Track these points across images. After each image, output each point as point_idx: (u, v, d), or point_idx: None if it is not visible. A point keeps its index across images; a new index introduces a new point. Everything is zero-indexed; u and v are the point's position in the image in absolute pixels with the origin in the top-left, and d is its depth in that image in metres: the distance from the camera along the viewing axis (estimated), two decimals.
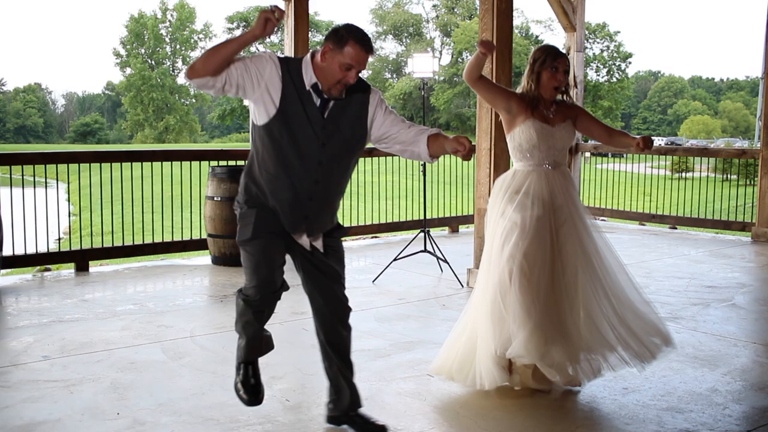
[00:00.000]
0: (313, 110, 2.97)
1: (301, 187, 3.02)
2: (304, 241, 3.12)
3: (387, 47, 71.21)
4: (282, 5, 7.78)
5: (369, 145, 3.20)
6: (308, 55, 3.00)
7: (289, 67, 2.97)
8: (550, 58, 3.86)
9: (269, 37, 2.93)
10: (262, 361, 3.33)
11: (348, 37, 2.90)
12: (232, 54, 2.87)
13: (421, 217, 7.39)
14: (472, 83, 3.88)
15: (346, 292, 3.28)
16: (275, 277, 3.09)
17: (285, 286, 3.16)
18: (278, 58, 2.99)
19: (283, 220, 3.07)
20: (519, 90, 3.98)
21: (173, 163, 7.77)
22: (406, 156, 3.18)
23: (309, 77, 2.96)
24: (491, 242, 3.88)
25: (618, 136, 4.08)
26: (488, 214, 3.99)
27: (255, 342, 3.22)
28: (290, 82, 2.95)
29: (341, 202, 3.26)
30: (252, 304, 3.11)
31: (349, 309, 3.31)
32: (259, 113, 2.99)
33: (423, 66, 6.90)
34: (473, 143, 3.25)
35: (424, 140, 3.07)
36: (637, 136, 3.84)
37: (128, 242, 7.70)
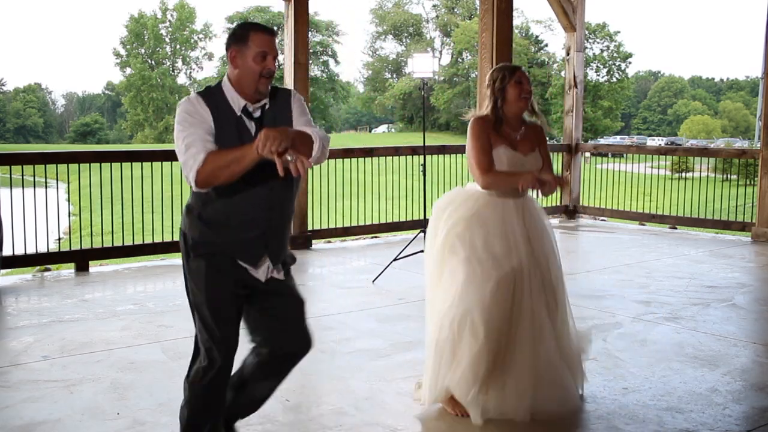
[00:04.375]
0: (249, 137, 2.74)
1: (257, 217, 2.81)
2: (261, 273, 2.86)
3: (387, 47, 71.31)
4: (282, 6, 7.79)
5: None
6: (224, 80, 2.81)
7: (214, 100, 2.77)
8: (509, 73, 3.72)
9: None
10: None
11: (245, 30, 2.77)
12: (242, 173, 2.64)
13: (421, 217, 7.39)
14: (490, 176, 3.63)
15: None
16: (233, 345, 2.85)
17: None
18: (199, 96, 2.78)
19: (240, 256, 2.82)
20: (477, 113, 3.79)
21: (173, 163, 7.74)
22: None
23: (236, 102, 2.77)
24: (449, 270, 3.62)
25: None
26: (434, 228, 3.74)
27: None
28: (221, 116, 2.75)
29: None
30: (212, 385, 2.83)
31: (310, 347, 3.02)
32: None
33: (423, 66, 6.90)
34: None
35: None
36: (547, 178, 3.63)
37: (128, 242, 7.70)
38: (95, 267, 7.04)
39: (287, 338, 2.95)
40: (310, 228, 8.18)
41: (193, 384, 2.88)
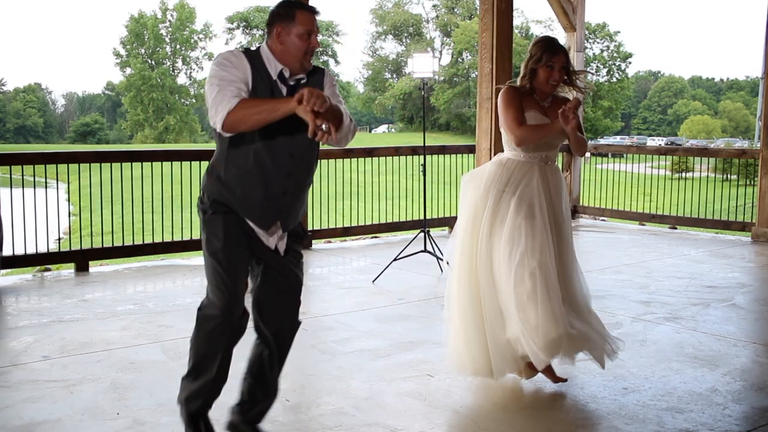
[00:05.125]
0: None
1: (273, 182, 2.94)
2: (273, 240, 3.01)
3: (387, 47, 71.23)
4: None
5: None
6: (263, 45, 2.94)
7: (254, 61, 2.90)
8: (547, 55, 3.82)
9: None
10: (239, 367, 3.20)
11: (292, 9, 2.88)
12: (272, 121, 2.76)
13: (421, 217, 7.39)
14: (521, 132, 3.79)
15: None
16: (242, 291, 2.98)
17: (246, 315, 3.03)
18: (243, 52, 2.92)
19: (254, 218, 2.97)
20: (518, 80, 3.97)
21: (173, 163, 7.77)
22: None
23: (274, 67, 2.91)
24: (486, 232, 3.80)
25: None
26: (477, 195, 3.90)
27: (222, 376, 3.04)
28: (258, 76, 2.88)
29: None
30: (220, 322, 2.93)
31: (298, 323, 3.17)
32: None
33: (423, 66, 6.90)
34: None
35: None
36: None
37: (128, 242, 7.70)
38: (95, 267, 7.04)
39: (276, 313, 3.08)
40: (310, 228, 8.17)
41: (198, 318, 3.02)
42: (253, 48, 2.96)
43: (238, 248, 2.97)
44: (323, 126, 2.63)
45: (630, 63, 59.17)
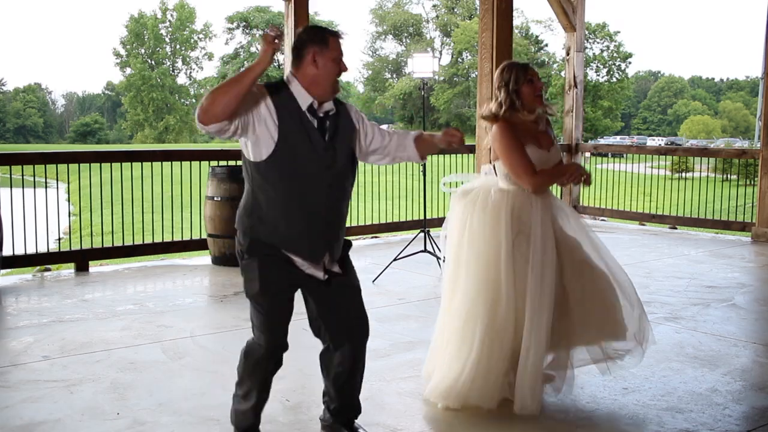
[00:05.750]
0: (314, 133, 2.88)
1: (316, 215, 2.91)
2: (319, 271, 2.99)
3: (387, 47, 71.22)
4: (282, 6, 7.78)
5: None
6: (289, 77, 2.90)
7: (279, 95, 2.86)
8: (522, 73, 3.78)
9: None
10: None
11: (324, 34, 2.89)
12: (248, 91, 2.70)
13: (421, 217, 7.39)
14: (537, 178, 3.71)
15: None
16: (284, 332, 3.05)
17: (286, 346, 3.12)
18: (265, 86, 2.86)
19: (303, 254, 2.94)
20: (491, 110, 3.83)
21: (173, 163, 7.77)
22: (396, 162, 3.27)
23: (303, 98, 2.87)
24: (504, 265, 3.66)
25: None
26: (491, 226, 3.74)
27: (264, 399, 3.16)
28: (285, 109, 2.83)
29: None
30: (263, 355, 3.05)
31: (367, 334, 3.20)
32: (258, 149, 2.84)
33: (423, 66, 6.90)
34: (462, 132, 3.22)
35: (412, 144, 3.16)
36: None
37: (128, 242, 7.71)
38: (95, 267, 7.04)
39: (343, 328, 3.11)
40: None
41: (243, 355, 3.12)
42: (278, 80, 2.93)
43: (278, 293, 2.97)
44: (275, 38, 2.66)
45: (630, 63, 59.16)
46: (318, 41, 2.87)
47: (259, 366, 3.07)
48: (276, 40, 2.67)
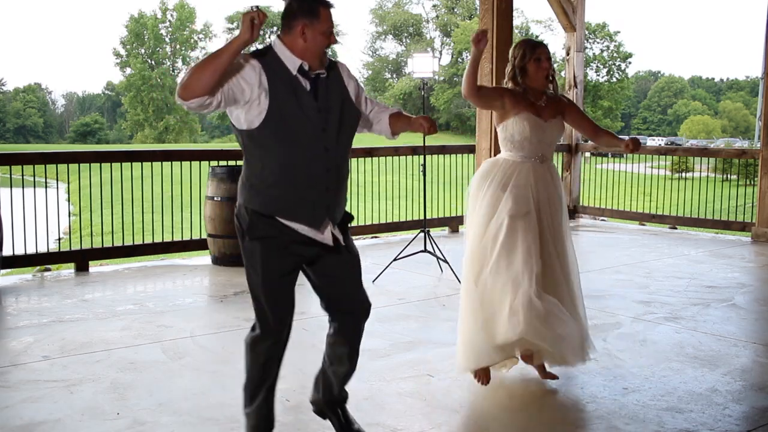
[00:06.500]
0: (305, 96, 2.83)
1: (315, 180, 2.87)
2: (327, 236, 2.94)
3: (387, 47, 71.29)
4: (282, 5, 7.77)
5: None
6: (275, 40, 2.85)
7: (266, 59, 2.81)
8: (530, 51, 3.91)
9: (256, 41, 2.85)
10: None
11: (315, 4, 2.82)
12: (226, 66, 2.66)
13: (421, 217, 7.38)
14: (472, 96, 3.86)
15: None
16: (288, 317, 3.00)
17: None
18: (251, 54, 2.83)
19: (303, 220, 2.88)
20: (505, 83, 4.03)
21: (173, 163, 7.77)
22: (370, 133, 3.23)
23: (292, 62, 2.82)
24: (482, 232, 3.90)
25: (605, 135, 4.17)
26: (474, 197, 3.99)
27: (273, 389, 3.12)
28: (274, 74, 2.79)
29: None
30: (267, 355, 3.02)
31: (369, 303, 3.18)
32: (250, 117, 2.80)
33: (423, 66, 6.90)
34: (433, 119, 3.21)
35: (386, 119, 3.16)
36: (626, 137, 3.90)
37: (128, 242, 7.70)
38: (95, 267, 7.04)
39: (346, 299, 3.10)
40: None
41: (247, 346, 3.05)
42: (263, 47, 2.88)
43: (280, 280, 2.93)
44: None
45: (630, 63, 59.18)
46: (308, 13, 2.80)
47: (264, 352, 3.01)
48: (254, 20, 2.63)
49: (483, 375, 3.92)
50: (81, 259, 6.92)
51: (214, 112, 2.80)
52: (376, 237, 8.95)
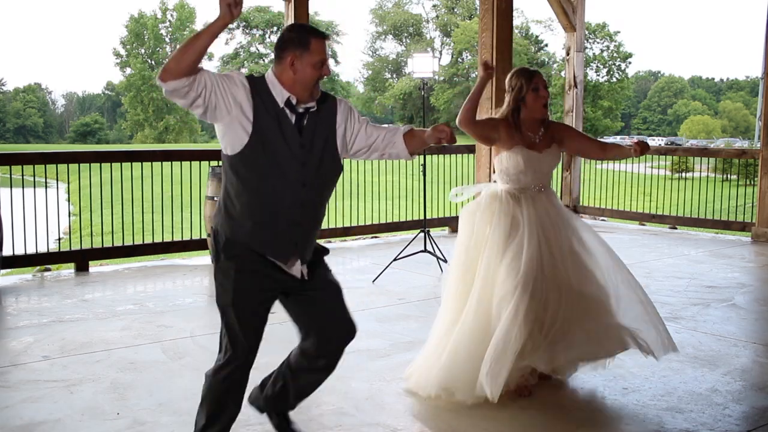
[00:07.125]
0: (289, 129, 2.79)
1: (287, 213, 2.81)
2: (296, 269, 2.89)
3: (387, 47, 71.28)
4: (282, 6, 7.79)
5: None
6: (269, 72, 2.82)
7: (257, 87, 2.78)
8: (527, 81, 3.92)
9: (235, 22, 2.81)
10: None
11: (306, 36, 2.78)
12: (206, 47, 2.62)
13: (421, 217, 7.39)
14: (468, 126, 3.91)
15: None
16: (254, 345, 2.90)
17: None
18: (245, 78, 2.80)
19: (269, 252, 2.83)
20: (499, 115, 4.02)
21: (173, 163, 7.77)
22: (385, 159, 3.16)
23: (280, 94, 2.78)
24: (487, 264, 3.89)
25: (612, 149, 4.15)
26: (476, 224, 3.99)
27: (233, 418, 2.98)
28: (261, 103, 2.76)
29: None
30: (231, 379, 2.89)
31: (355, 331, 3.06)
32: (232, 140, 2.77)
33: (423, 66, 6.90)
34: (452, 127, 3.16)
35: (401, 140, 3.06)
36: (631, 143, 3.87)
37: (128, 242, 7.71)
38: (95, 267, 7.04)
39: (327, 329, 3.00)
40: None
41: (209, 376, 2.95)
42: (257, 76, 2.85)
43: (252, 300, 2.85)
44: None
45: (630, 63, 59.21)
46: (298, 44, 2.76)
47: (227, 380, 2.89)
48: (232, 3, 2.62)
49: (520, 389, 3.82)
50: (81, 259, 6.92)
51: (192, 106, 2.70)
52: (376, 237, 8.95)
